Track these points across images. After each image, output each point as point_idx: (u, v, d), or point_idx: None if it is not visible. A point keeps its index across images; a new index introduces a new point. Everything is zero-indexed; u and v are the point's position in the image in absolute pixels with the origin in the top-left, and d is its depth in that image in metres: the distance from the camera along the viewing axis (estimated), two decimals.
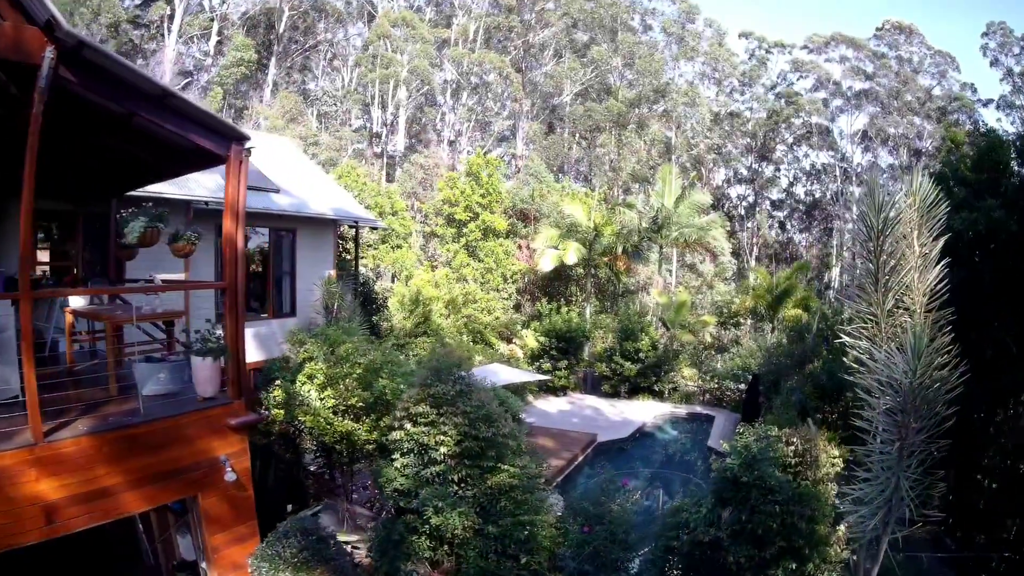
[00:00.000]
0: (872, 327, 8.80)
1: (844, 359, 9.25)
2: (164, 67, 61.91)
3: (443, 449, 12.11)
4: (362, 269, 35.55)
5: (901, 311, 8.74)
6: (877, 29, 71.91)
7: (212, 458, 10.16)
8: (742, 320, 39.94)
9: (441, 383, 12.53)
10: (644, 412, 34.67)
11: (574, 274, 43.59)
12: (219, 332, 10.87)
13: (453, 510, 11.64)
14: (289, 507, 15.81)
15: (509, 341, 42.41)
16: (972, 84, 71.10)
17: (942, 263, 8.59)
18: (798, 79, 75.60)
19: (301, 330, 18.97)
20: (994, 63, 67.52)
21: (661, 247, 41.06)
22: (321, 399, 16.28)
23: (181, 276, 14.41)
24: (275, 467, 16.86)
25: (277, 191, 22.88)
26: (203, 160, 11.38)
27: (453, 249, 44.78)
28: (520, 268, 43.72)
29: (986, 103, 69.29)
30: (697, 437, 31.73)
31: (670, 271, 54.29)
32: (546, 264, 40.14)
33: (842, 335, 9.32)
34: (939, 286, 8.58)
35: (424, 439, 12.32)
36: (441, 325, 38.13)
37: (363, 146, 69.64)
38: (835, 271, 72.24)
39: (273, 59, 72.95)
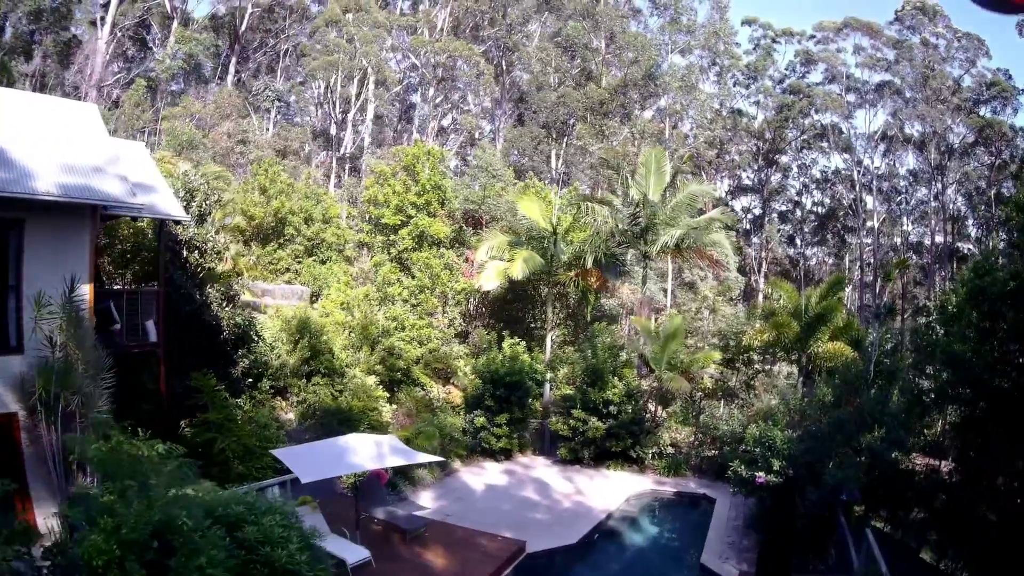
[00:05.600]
0: None
1: None
2: (96, 60, 53.56)
3: None
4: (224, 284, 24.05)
5: None
6: (897, 11, 60.08)
7: None
8: (756, 356, 27.59)
9: None
10: (612, 492, 23.15)
11: (540, 294, 31.59)
12: None
13: None
14: None
15: (448, 380, 30.60)
16: (1007, 70, 59.35)
17: None
18: (807, 73, 63.81)
19: None
20: None
21: (646, 256, 28.78)
22: None
23: None
24: None
25: None
26: None
27: (378, 261, 32.97)
28: (463, 286, 31.80)
29: None
30: (687, 541, 19.95)
31: (665, 291, 42.14)
32: (488, 280, 28.26)
33: None
34: None
35: None
36: (344, 361, 26.56)
37: (315, 147, 59.20)
38: (847, 289, 59.95)
39: (234, 58, 64.49)
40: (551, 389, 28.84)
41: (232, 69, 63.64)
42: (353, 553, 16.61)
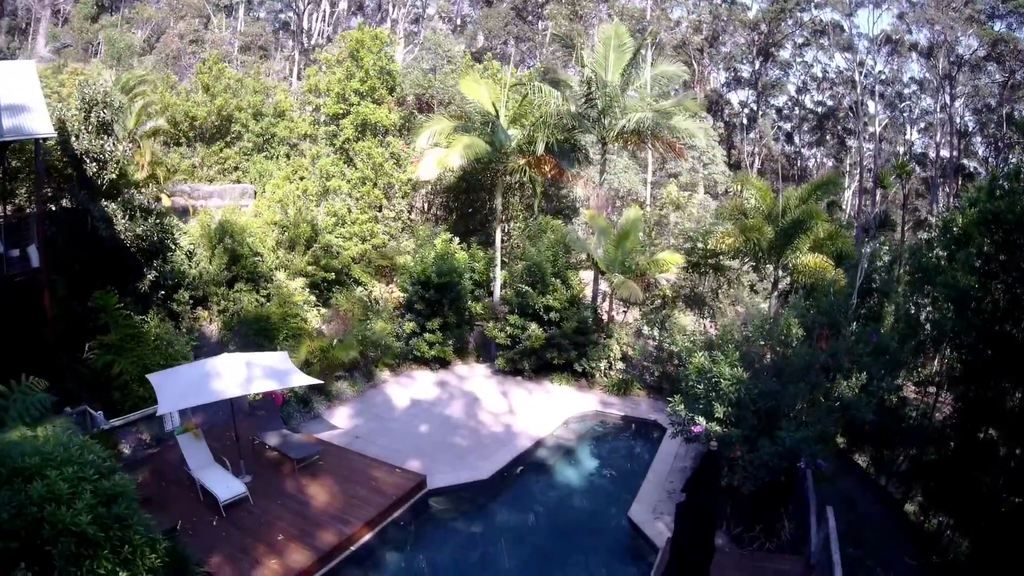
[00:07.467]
0: None
1: None
2: None
3: None
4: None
5: None
6: None
7: None
8: (724, 261, 23.70)
9: None
10: (550, 412, 19.87)
11: (500, 185, 27.55)
12: None
13: None
14: None
15: (392, 279, 27.17)
16: None
17: None
18: None
19: None
20: None
21: (604, 141, 24.75)
22: None
23: None
24: None
25: None
26: None
27: (316, 153, 29.24)
28: (405, 178, 28.06)
29: None
30: (621, 483, 16.38)
31: (645, 183, 38.19)
32: (427, 170, 24.38)
33: None
34: None
35: None
36: (271, 264, 23.31)
37: (284, 40, 54.81)
38: (848, 193, 55.66)
39: None
40: (502, 290, 25.44)
41: None
42: (226, 488, 13.58)
